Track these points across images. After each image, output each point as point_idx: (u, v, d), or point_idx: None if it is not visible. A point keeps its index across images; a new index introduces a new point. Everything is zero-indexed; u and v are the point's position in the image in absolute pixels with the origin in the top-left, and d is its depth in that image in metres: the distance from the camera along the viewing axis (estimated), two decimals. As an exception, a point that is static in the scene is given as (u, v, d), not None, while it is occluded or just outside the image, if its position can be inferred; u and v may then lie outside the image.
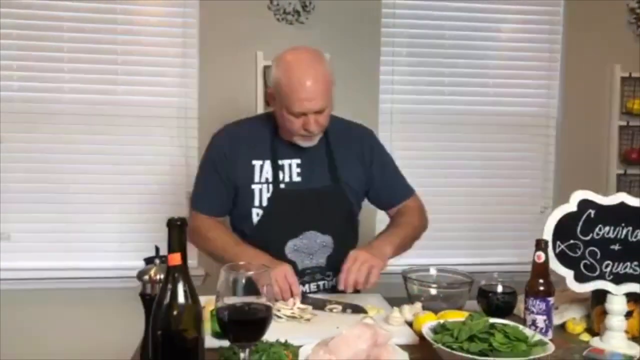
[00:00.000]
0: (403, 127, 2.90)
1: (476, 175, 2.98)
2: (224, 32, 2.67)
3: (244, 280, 1.00)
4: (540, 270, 1.35)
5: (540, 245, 1.35)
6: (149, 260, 1.20)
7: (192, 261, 2.59)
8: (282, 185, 1.72)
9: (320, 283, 1.75)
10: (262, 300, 1.00)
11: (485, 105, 2.96)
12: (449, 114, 2.92)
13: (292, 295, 1.53)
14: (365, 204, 1.90)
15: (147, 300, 1.10)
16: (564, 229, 1.37)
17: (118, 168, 2.70)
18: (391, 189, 1.87)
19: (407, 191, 1.91)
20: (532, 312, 1.34)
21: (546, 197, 3.02)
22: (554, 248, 1.37)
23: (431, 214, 2.90)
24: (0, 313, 2.60)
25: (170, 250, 1.00)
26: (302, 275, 1.69)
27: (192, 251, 2.54)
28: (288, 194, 1.72)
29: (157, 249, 1.22)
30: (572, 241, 1.36)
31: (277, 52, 2.62)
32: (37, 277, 2.61)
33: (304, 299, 1.57)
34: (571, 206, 1.37)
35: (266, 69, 2.66)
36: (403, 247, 1.76)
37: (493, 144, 2.98)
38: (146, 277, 1.12)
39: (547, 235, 1.37)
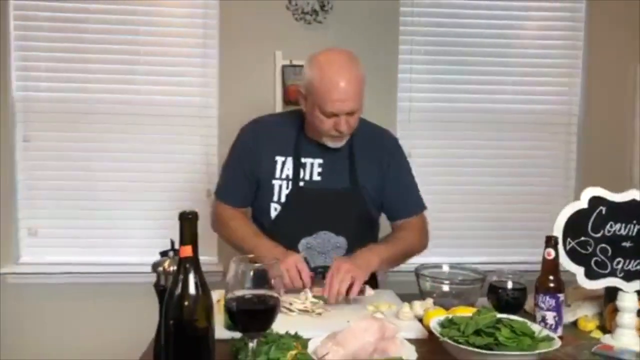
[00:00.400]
0: (421, 126, 2.90)
1: (496, 174, 2.97)
2: (244, 32, 2.72)
3: (252, 272, 1.03)
4: (550, 266, 1.35)
5: (551, 241, 1.35)
6: (164, 254, 1.24)
7: (212, 258, 2.65)
8: (301, 184, 1.75)
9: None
10: (271, 291, 1.03)
11: (504, 103, 2.94)
12: (467, 112, 2.91)
13: (302, 284, 1.55)
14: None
15: (161, 291, 1.13)
16: (574, 225, 1.37)
17: (140, 166, 2.77)
18: (400, 202, 1.85)
19: (416, 208, 1.86)
20: (542, 309, 1.34)
21: (567, 196, 2.98)
22: (565, 245, 1.37)
23: (449, 213, 2.93)
24: (28, 305, 2.70)
25: (182, 242, 1.04)
26: (313, 273, 1.70)
27: (212, 248, 2.62)
28: (306, 193, 1.75)
29: (172, 243, 1.26)
30: (582, 238, 1.36)
31: (296, 52, 2.70)
32: (62, 271, 2.69)
33: (316, 274, 1.61)
34: (582, 203, 1.37)
35: (285, 68, 2.70)
36: (394, 261, 1.75)
37: (513, 142, 2.96)
38: (160, 269, 1.16)
39: (558, 232, 1.37)
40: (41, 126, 2.72)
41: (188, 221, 1.03)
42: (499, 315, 1.22)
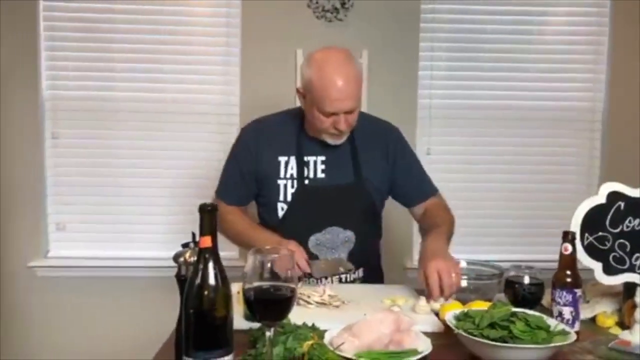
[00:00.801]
0: (442, 123, 2.89)
1: (517, 171, 2.94)
2: (265, 30, 2.75)
3: (269, 264, 1.06)
4: (568, 262, 1.35)
5: (568, 237, 1.35)
6: (185, 245, 1.28)
7: (234, 252, 2.68)
8: (306, 182, 1.77)
9: (343, 277, 1.78)
10: (288, 282, 1.06)
11: (527, 99, 2.91)
12: (489, 109, 2.90)
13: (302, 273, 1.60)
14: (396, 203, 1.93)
15: (182, 281, 1.17)
16: (592, 221, 1.36)
17: (165, 162, 2.83)
18: (417, 186, 1.89)
19: (431, 189, 1.92)
20: (559, 304, 1.34)
21: (590, 193, 2.92)
22: (582, 240, 1.37)
23: (471, 210, 2.92)
24: (56, 298, 2.78)
25: (202, 233, 1.07)
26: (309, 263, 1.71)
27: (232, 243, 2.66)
28: (312, 191, 1.76)
29: (193, 235, 1.29)
30: (600, 233, 1.36)
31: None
32: (88, 265, 2.77)
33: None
34: (600, 198, 1.37)
35: (305, 66, 2.72)
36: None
37: (535, 139, 2.93)
38: (181, 260, 1.19)
39: (575, 227, 1.37)
40: (69, 123, 2.79)
41: (207, 213, 1.07)
42: (514, 309, 1.23)
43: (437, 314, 1.45)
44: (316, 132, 1.75)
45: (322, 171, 1.78)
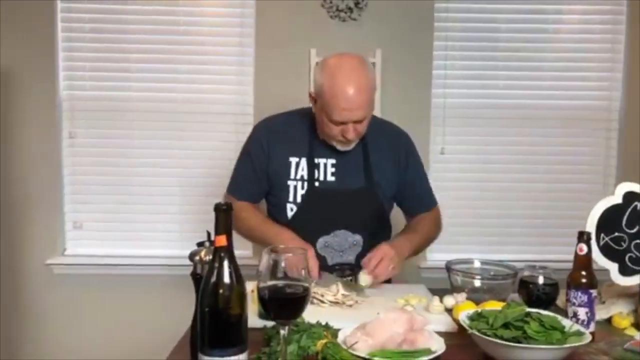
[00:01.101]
0: (456, 122, 2.88)
1: (533, 171, 2.92)
2: (279, 30, 2.76)
3: (284, 263, 1.07)
4: (583, 262, 1.34)
5: (583, 237, 1.34)
6: (200, 244, 1.29)
7: (247, 251, 2.70)
8: (316, 184, 1.76)
9: (349, 279, 1.77)
10: (302, 280, 1.06)
11: (542, 99, 2.89)
12: (503, 108, 2.88)
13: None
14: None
15: (198, 279, 1.18)
16: (608, 221, 1.36)
17: (179, 162, 2.85)
18: (418, 199, 1.91)
19: (431, 203, 1.94)
20: (574, 304, 1.33)
21: (607, 193, 2.88)
22: (598, 241, 1.36)
23: (484, 210, 2.91)
24: (72, 295, 2.81)
25: (217, 232, 1.08)
26: (332, 270, 1.73)
27: (247, 242, 2.68)
28: (322, 194, 1.76)
29: (208, 234, 1.31)
30: (617, 234, 1.35)
31: (330, 49, 2.68)
32: (104, 263, 2.81)
33: (335, 271, 1.68)
34: (616, 198, 1.36)
35: (319, 65, 2.73)
36: (417, 251, 1.84)
37: (550, 138, 2.91)
38: (197, 258, 1.21)
39: (591, 227, 1.36)
40: (86, 123, 2.83)
41: (222, 212, 1.08)
42: (528, 309, 1.22)
43: (451, 314, 1.45)
44: (325, 137, 1.75)
45: (332, 174, 1.78)
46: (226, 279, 1.06)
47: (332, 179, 1.78)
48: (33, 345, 2.83)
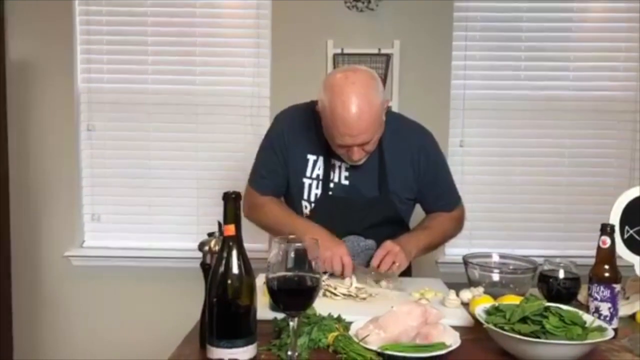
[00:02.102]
0: (476, 114, 2.82)
1: (555, 164, 2.85)
2: (296, 21, 2.73)
3: (293, 253, 1.04)
4: (605, 255, 1.29)
5: (606, 229, 1.29)
6: (211, 235, 1.28)
7: (263, 245, 2.69)
8: (331, 185, 1.72)
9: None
10: (312, 272, 1.04)
11: (565, 90, 2.81)
12: (524, 100, 2.81)
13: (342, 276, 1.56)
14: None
15: (207, 269, 1.17)
16: (633, 213, 1.31)
17: (196, 155, 2.85)
18: (438, 199, 1.84)
19: (453, 202, 1.87)
20: (596, 299, 1.29)
21: (634, 187, 2.82)
22: (622, 233, 1.31)
23: (505, 204, 2.85)
24: (90, 286, 2.84)
25: (225, 221, 1.06)
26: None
27: (261, 235, 2.68)
28: (334, 201, 1.72)
29: (219, 224, 1.29)
30: (642, 226, 1.29)
31: (347, 40, 2.70)
32: (121, 255, 2.82)
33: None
34: (641, 190, 1.30)
35: (336, 56, 2.70)
36: (429, 250, 1.78)
37: (574, 130, 2.83)
38: (206, 248, 1.19)
39: (614, 219, 1.31)
40: (104, 116, 2.84)
41: (231, 201, 1.06)
42: (548, 304, 1.18)
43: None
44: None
45: (346, 178, 1.73)
46: (235, 269, 1.04)
47: (346, 182, 1.73)
48: (52, 333, 2.87)
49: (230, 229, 1.06)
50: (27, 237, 2.82)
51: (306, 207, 1.75)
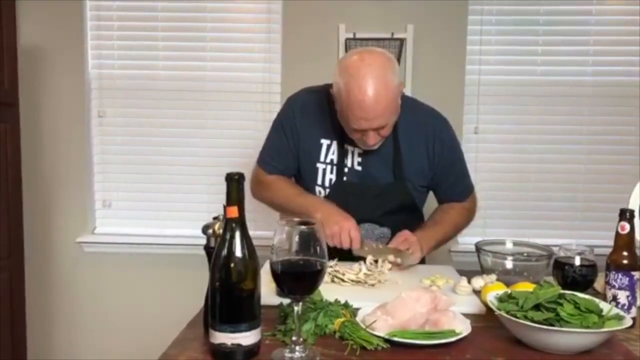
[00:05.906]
0: (490, 100, 2.76)
1: (572, 152, 2.78)
2: (307, 6, 2.69)
3: (297, 236, 1.01)
4: (624, 241, 1.24)
5: (625, 215, 1.24)
6: (216, 218, 1.25)
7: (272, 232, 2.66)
8: (345, 169, 1.70)
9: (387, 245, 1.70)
10: (316, 255, 1.01)
11: (583, 75, 2.74)
12: (541, 85, 2.74)
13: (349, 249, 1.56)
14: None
15: (211, 253, 1.14)
16: (653, 198, 1.25)
17: (207, 141, 2.83)
18: (451, 188, 1.80)
19: (466, 192, 1.84)
20: (614, 287, 1.24)
21: (654, 175, 2.76)
22: (642, 219, 1.26)
23: (521, 192, 2.79)
24: (101, 272, 2.85)
25: (228, 203, 1.04)
26: (357, 258, 1.65)
27: (272, 221, 2.66)
28: (348, 188, 1.69)
29: (224, 207, 1.27)
30: (662, 211, 1.24)
31: (359, 24, 2.64)
32: (132, 242, 2.82)
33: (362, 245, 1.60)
34: (663, 173, 1.24)
35: (348, 41, 2.65)
36: (439, 245, 1.75)
37: (591, 117, 2.76)
38: (210, 231, 1.17)
39: (634, 204, 1.26)
40: (114, 102, 2.83)
41: (234, 182, 1.04)
42: (562, 291, 1.13)
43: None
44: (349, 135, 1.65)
45: (359, 164, 1.70)
46: (238, 252, 1.02)
47: (359, 168, 1.70)
48: (64, 318, 2.89)
49: (233, 211, 1.03)
50: (40, 223, 2.83)
51: (320, 192, 1.72)
